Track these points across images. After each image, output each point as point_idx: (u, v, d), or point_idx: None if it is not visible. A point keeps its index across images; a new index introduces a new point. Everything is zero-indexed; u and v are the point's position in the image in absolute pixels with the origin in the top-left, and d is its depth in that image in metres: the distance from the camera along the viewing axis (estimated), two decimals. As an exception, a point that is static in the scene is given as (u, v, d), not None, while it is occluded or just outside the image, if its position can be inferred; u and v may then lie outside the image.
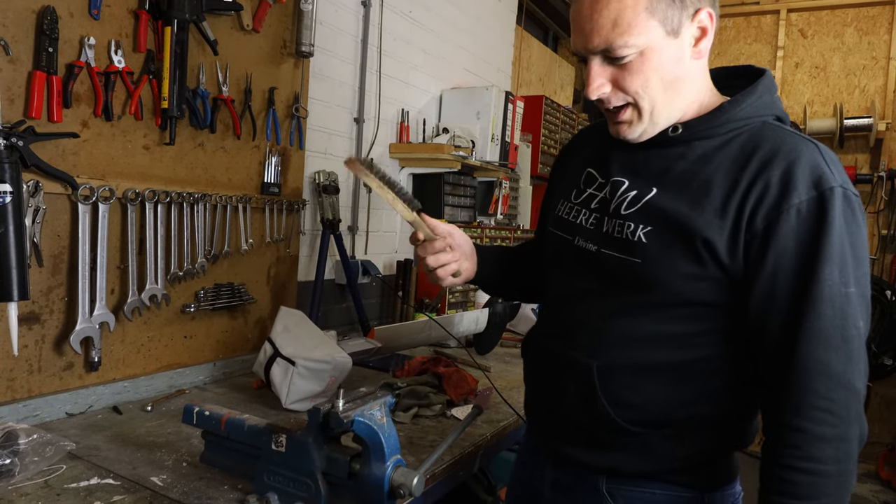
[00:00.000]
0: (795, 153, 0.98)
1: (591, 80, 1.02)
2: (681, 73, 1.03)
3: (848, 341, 0.93)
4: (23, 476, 1.28)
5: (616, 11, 0.96)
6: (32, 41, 1.54)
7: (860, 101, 4.23)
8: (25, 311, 1.57)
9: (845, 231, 0.94)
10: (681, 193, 1.02)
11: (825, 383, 0.93)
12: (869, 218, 4.22)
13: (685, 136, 1.05)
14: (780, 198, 0.95)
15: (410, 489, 1.09)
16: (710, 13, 1.02)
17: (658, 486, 1.10)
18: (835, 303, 0.93)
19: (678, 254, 1.00)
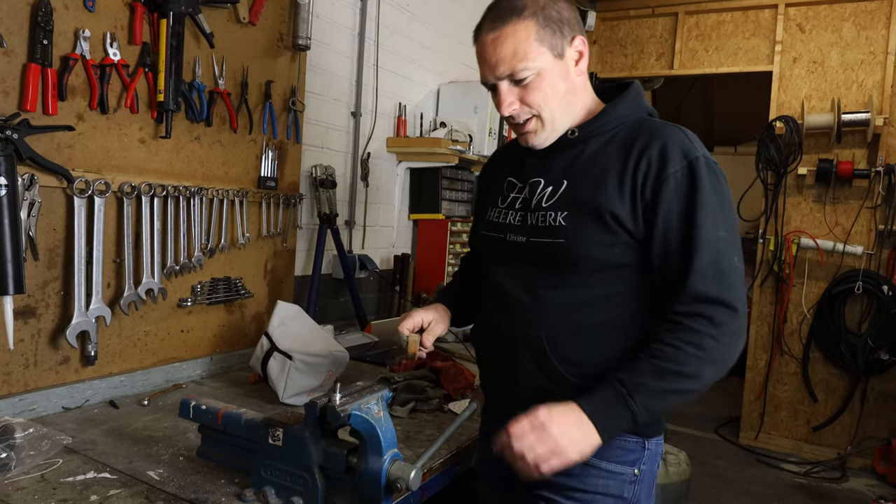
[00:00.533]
0: (666, 135, 1.24)
1: (503, 100, 1.27)
2: (570, 86, 1.29)
3: (724, 272, 1.17)
4: (19, 470, 1.27)
5: (514, 44, 1.22)
6: (27, 33, 1.53)
7: (858, 96, 4.22)
8: (21, 304, 1.57)
9: (711, 189, 1.19)
10: (586, 181, 1.26)
11: (706, 306, 1.16)
12: (866, 213, 4.23)
13: (581, 136, 1.30)
14: (660, 170, 1.20)
15: (408, 483, 1.09)
16: (582, 40, 1.28)
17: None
18: (711, 243, 1.17)
19: (592, 228, 1.23)
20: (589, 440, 1.13)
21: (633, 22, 5.01)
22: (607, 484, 1.28)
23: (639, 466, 1.29)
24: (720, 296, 1.16)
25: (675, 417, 4.83)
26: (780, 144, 4.34)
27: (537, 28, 1.22)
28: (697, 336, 1.15)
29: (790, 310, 4.49)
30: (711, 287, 1.16)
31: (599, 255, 1.23)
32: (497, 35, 1.23)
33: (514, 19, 1.22)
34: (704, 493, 3.74)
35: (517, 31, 1.22)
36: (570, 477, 1.27)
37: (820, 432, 4.39)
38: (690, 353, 1.14)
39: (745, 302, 1.19)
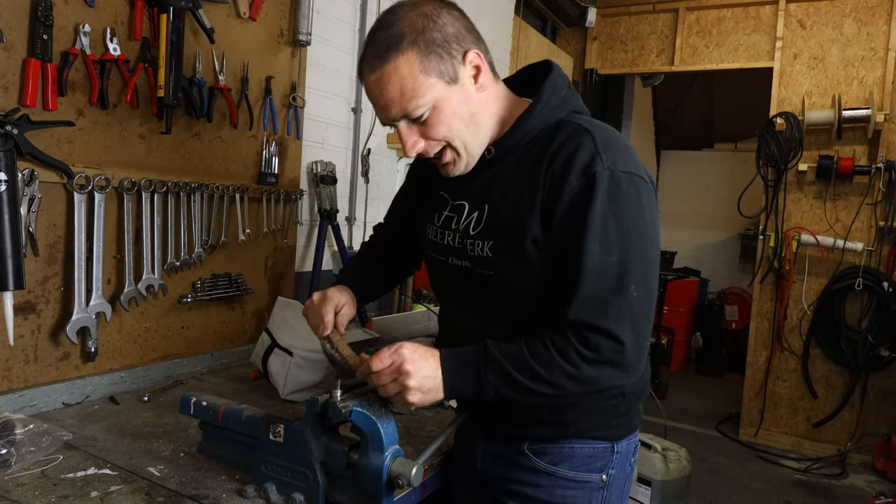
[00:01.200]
0: (573, 145, 1.13)
1: (406, 141, 1.18)
2: (473, 108, 1.19)
3: (606, 302, 1.09)
4: (19, 466, 1.27)
5: (398, 83, 1.11)
6: (27, 28, 1.53)
7: (858, 92, 4.22)
8: (21, 300, 1.56)
9: (608, 207, 1.09)
10: (505, 204, 1.19)
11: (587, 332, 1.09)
12: (866, 209, 4.22)
13: (497, 155, 1.22)
14: (559, 186, 1.12)
15: (409, 479, 1.08)
16: (477, 53, 1.17)
17: (575, 442, 1.26)
18: (594, 272, 1.08)
19: (517, 256, 1.17)
20: (432, 392, 1.12)
21: (634, 18, 5.01)
22: (574, 494, 1.26)
23: (607, 472, 1.27)
24: (602, 325, 1.08)
25: (674, 414, 4.84)
26: (781, 141, 4.34)
27: (420, 59, 1.11)
28: (571, 352, 1.09)
29: (790, 306, 4.49)
30: (592, 317, 1.08)
31: (531, 281, 1.18)
32: (379, 76, 1.12)
33: (392, 55, 1.10)
34: (704, 490, 3.75)
35: (399, 67, 1.10)
36: (536, 488, 1.27)
37: (820, 429, 4.40)
38: (557, 363, 1.09)
39: (639, 334, 1.10)
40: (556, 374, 1.09)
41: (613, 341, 1.08)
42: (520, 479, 1.28)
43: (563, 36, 5.29)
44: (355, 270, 1.56)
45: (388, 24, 1.13)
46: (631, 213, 1.11)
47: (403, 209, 1.58)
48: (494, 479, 1.32)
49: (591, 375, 1.10)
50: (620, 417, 1.29)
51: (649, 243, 1.14)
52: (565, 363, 1.09)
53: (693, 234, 7.70)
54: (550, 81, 1.22)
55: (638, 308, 1.10)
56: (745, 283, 6.55)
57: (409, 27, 1.11)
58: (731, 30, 4.67)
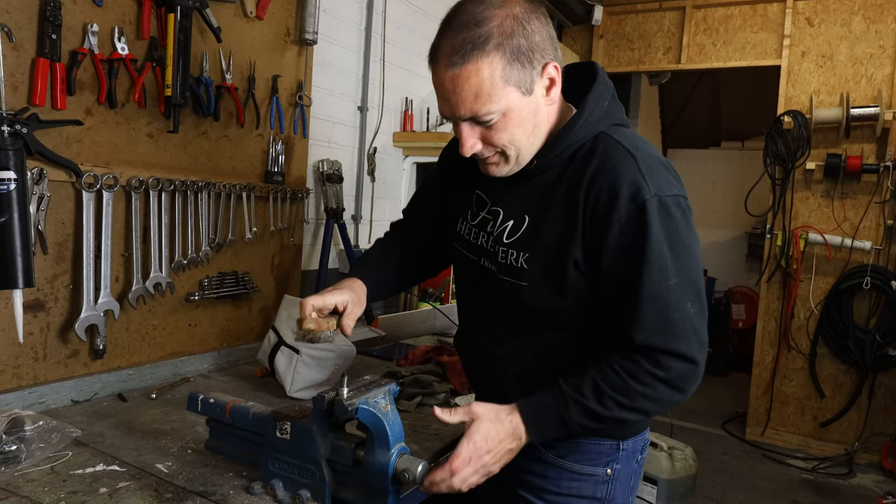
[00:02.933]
0: (616, 170, 1.11)
1: (464, 142, 1.15)
2: (539, 120, 1.16)
3: (672, 324, 1.11)
4: (29, 462, 1.28)
5: (476, 85, 1.07)
6: (36, 28, 1.54)
7: (867, 90, 4.19)
8: (30, 298, 1.58)
9: (662, 234, 1.09)
10: (544, 219, 1.18)
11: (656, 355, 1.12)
12: (874, 208, 4.20)
13: (539, 166, 1.20)
14: (606, 213, 1.10)
15: (415, 475, 1.09)
16: (555, 66, 1.14)
17: (582, 438, 1.27)
18: (655, 297, 1.10)
19: (551, 272, 1.17)
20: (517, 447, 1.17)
21: (641, 16, 4.99)
22: (579, 486, 1.30)
23: (611, 466, 1.30)
24: (670, 348, 1.11)
25: (681, 413, 4.83)
26: (788, 139, 4.32)
27: (503, 65, 1.06)
28: (644, 374, 1.12)
29: (797, 305, 4.47)
30: (660, 340, 1.11)
31: (562, 300, 1.18)
32: (457, 73, 1.07)
33: (476, 55, 1.05)
34: (711, 489, 3.74)
35: (480, 69, 1.06)
36: (544, 479, 1.30)
37: (827, 428, 4.38)
38: (634, 388, 1.12)
39: (703, 347, 1.14)
40: (637, 400, 1.13)
41: (684, 360, 1.12)
42: (529, 469, 1.31)
43: (569, 34, 5.28)
44: (374, 262, 1.52)
45: (476, 20, 1.07)
46: (681, 235, 1.13)
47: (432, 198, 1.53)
48: (509, 468, 1.31)
49: (668, 394, 1.13)
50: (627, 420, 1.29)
51: (697, 260, 1.16)
52: (641, 386, 1.12)
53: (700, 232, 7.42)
54: (595, 93, 1.19)
55: (697, 323, 1.13)
56: (751, 282, 6.53)
57: (499, 28, 1.06)
58: (738, 28, 4.65)
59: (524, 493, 1.33)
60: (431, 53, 1.13)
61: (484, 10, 1.07)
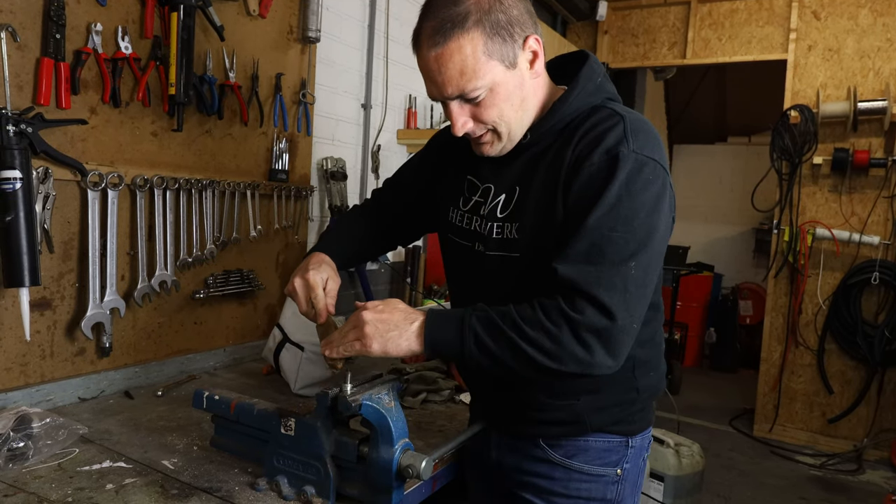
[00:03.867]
0: (604, 129, 1.12)
1: (455, 121, 1.16)
2: (525, 93, 1.17)
3: (601, 271, 1.05)
4: (36, 459, 1.29)
5: (460, 62, 1.09)
6: (40, 28, 1.55)
7: (874, 84, 4.16)
8: (37, 296, 1.59)
9: (625, 186, 1.07)
10: (536, 187, 1.17)
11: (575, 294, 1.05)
12: (883, 202, 4.17)
13: (533, 140, 1.20)
14: (582, 161, 1.11)
15: (419, 471, 1.09)
16: (536, 38, 1.15)
17: (590, 436, 1.26)
18: (593, 240, 1.06)
19: (545, 238, 1.15)
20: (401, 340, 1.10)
21: (645, 11, 4.97)
22: (589, 487, 1.27)
23: (621, 466, 1.28)
24: (591, 291, 1.03)
25: (688, 409, 4.82)
26: (795, 134, 4.29)
27: (484, 39, 1.08)
28: (555, 312, 1.04)
29: (805, 301, 4.45)
30: (583, 281, 1.04)
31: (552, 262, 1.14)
32: (440, 52, 1.09)
33: (457, 32, 1.07)
34: (718, 486, 3.73)
35: (462, 46, 1.08)
36: (551, 481, 1.27)
37: (836, 424, 4.36)
38: (540, 320, 1.04)
39: (630, 315, 1.06)
40: (536, 331, 1.04)
41: (601, 310, 1.03)
42: (535, 471, 1.29)
43: (573, 30, 5.26)
44: (338, 235, 1.50)
45: (453, 0, 1.09)
46: (645, 197, 1.09)
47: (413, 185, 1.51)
48: (509, 470, 1.33)
49: (570, 343, 1.03)
50: (636, 414, 1.29)
51: (657, 231, 1.10)
52: (547, 321, 1.04)
53: (706, 228, 7.65)
54: (587, 68, 1.21)
55: (633, 286, 1.06)
56: (759, 278, 6.51)
57: (476, 5, 1.08)
58: (743, 22, 4.62)
59: (530, 497, 1.30)
60: (414, 38, 1.16)
61: None
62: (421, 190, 1.47)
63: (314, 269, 1.31)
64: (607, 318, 1.04)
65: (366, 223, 1.53)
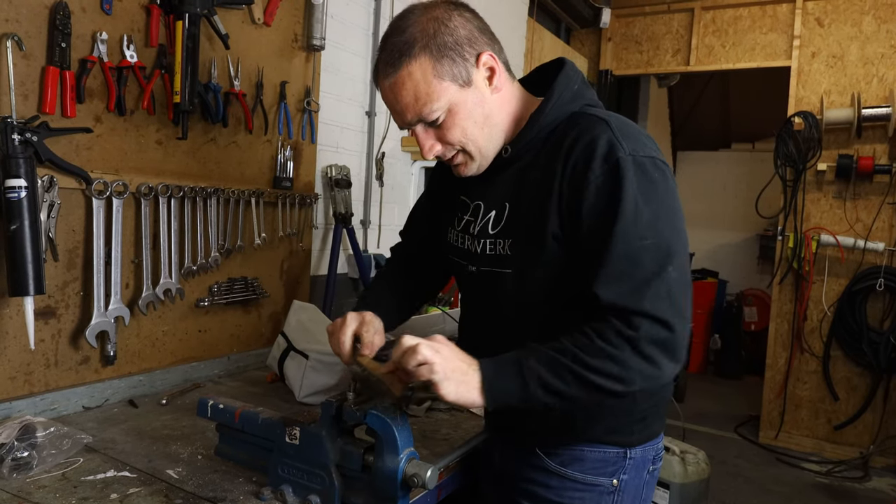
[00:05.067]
0: (590, 134, 1.12)
1: (423, 145, 1.19)
2: (487, 110, 1.18)
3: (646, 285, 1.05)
4: (40, 469, 1.29)
5: (412, 88, 1.12)
6: (45, 36, 1.55)
7: (878, 91, 4.15)
8: (41, 305, 1.59)
9: (637, 191, 1.07)
10: (525, 202, 1.18)
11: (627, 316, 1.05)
12: (887, 209, 4.16)
13: (514, 154, 1.21)
14: (582, 175, 1.10)
15: (424, 480, 1.08)
16: (490, 54, 1.17)
17: (585, 446, 1.25)
18: (628, 256, 1.06)
19: (536, 252, 1.16)
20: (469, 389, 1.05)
21: (649, 18, 4.98)
22: (583, 496, 1.25)
23: (618, 477, 1.25)
24: (642, 308, 1.03)
25: (693, 416, 4.80)
26: (799, 140, 4.29)
27: (433, 63, 1.11)
28: (612, 334, 1.04)
29: (810, 307, 4.43)
30: (628, 300, 1.04)
31: (547, 280, 1.16)
32: (393, 81, 1.13)
33: (405, 60, 1.11)
34: (724, 493, 3.71)
35: (412, 72, 1.11)
36: (547, 489, 1.27)
37: (841, 431, 4.33)
38: (599, 346, 1.04)
39: (682, 319, 1.06)
40: (600, 359, 1.04)
41: (656, 322, 1.04)
42: (533, 479, 1.29)
43: (577, 37, 5.27)
44: (381, 295, 1.49)
45: (400, 30, 1.13)
46: (659, 196, 1.09)
47: (426, 218, 1.54)
48: (510, 478, 1.33)
49: (636, 361, 1.04)
50: (635, 424, 1.26)
51: (679, 226, 1.12)
52: (607, 345, 1.04)
53: (711, 234, 7.63)
54: (563, 76, 1.22)
55: (676, 289, 1.06)
56: (763, 285, 6.48)
57: (421, 32, 1.12)
58: (747, 29, 4.63)
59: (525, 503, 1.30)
60: (373, 73, 1.20)
61: (406, 20, 1.14)
62: (433, 227, 1.46)
63: (372, 315, 1.33)
64: (665, 328, 1.04)
65: (399, 280, 1.54)
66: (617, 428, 1.25)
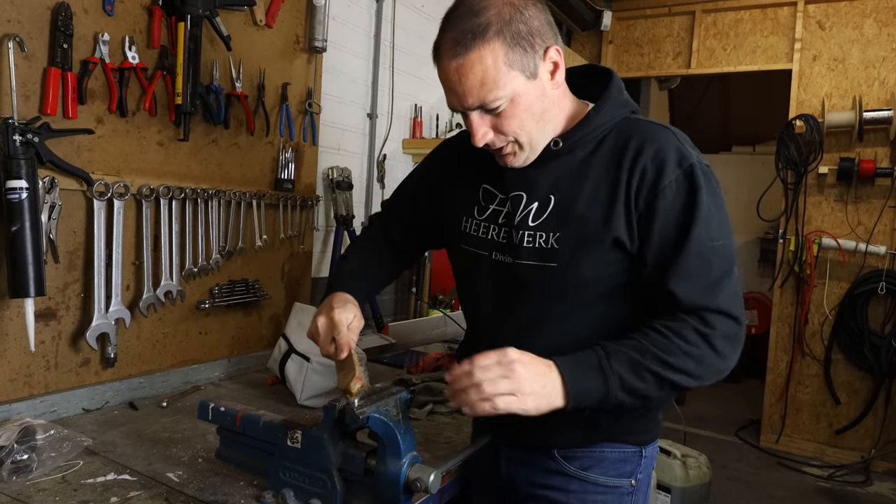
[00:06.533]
0: (658, 140, 1.15)
1: (476, 131, 1.15)
2: (547, 104, 1.17)
3: (718, 283, 1.11)
4: (40, 471, 1.28)
5: (481, 73, 1.09)
6: (47, 37, 1.55)
7: (880, 94, 4.15)
8: (42, 307, 1.58)
9: (708, 196, 1.12)
10: (576, 196, 1.17)
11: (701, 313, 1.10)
12: (889, 212, 4.15)
13: (566, 147, 1.20)
14: (655, 180, 1.12)
15: (427, 485, 1.08)
16: (557, 49, 1.15)
17: (606, 445, 1.25)
18: (702, 255, 1.10)
19: (588, 250, 1.15)
20: (551, 397, 1.05)
21: (650, 21, 4.97)
22: (605, 499, 1.26)
23: (636, 476, 1.27)
24: (717, 306, 1.09)
25: (694, 420, 4.78)
26: (800, 143, 4.28)
27: (505, 50, 1.09)
28: (690, 331, 1.08)
29: (811, 311, 4.42)
30: (707, 299, 1.10)
31: (595, 278, 1.16)
32: (461, 63, 1.09)
33: (478, 43, 1.08)
34: (725, 497, 3.70)
35: (483, 57, 1.08)
36: (567, 493, 1.25)
37: (843, 435, 4.32)
38: (677, 345, 1.08)
39: (743, 311, 1.14)
40: (678, 357, 1.07)
41: (730, 318, 1.10)
42: (548, 484, 1.27)
43: (578, 39, 5.27)
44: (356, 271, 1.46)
45: (474, 11, 1.10)
46: (721, 203, 1.16)
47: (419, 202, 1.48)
48: (521, 485, 1.31)
49: (710, 357, 1.09)
50: (649, 423, 1.28)
51: (732, 231, 1.18)
52: (685, 343, 1.08)
53: (711, 237, 7.61)
54: (616, 82, 1.24)
55: (737, 288, 1.14)
56: (764, 288, 6.47)
57: (497, 16, 1.09)
58: (748, 32, 4.62)
59: None
60: (435, 49, 1.16)
61: (481, 2, 1.11)
62: (424, 207, 1.45)
63: (339, 307, 1.28)
64: (736, 323, 1.11)
65: (378, 254, 1.51)
66: (634, 426, 1.26)
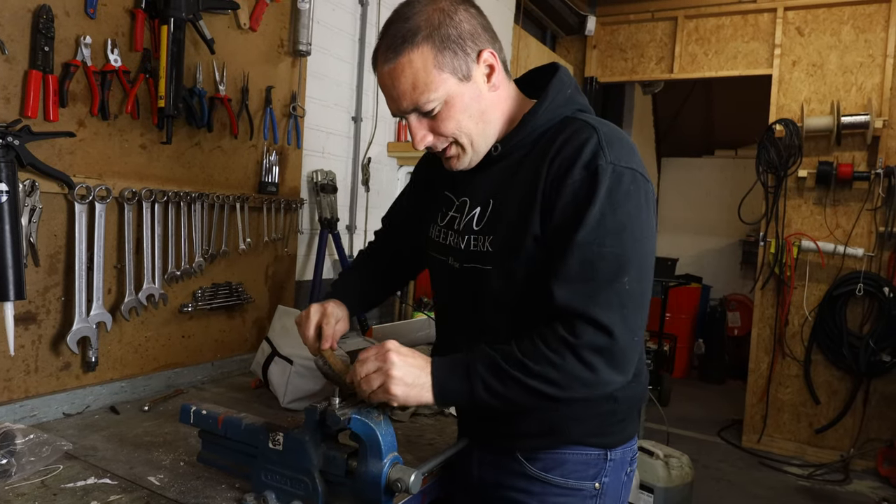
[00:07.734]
0: (579, 139, 1.14)
1: (415, 134, 1.20)
2: (484, 106, 1.20)
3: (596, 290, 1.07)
4: (19, 476, 1.27)
5: (412, 76, 1.13)
6: (28, 40, 1.54)
7: (857, 99, 4.23)
8: (22, 310, 1.57)
9: (608, 199, 1.09)
10: (510, 199, 1.19)
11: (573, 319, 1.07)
12: (866, 215, 4.23)
13: (504, 152, 1.23)
14: (562, 178, 1.12)
15: (408, 485, 1.08)
16: (491, 52, 1.18)
17: (568, 448, 1.25)
18: (584, 258, 1.08)
19: (516, 251, 1.17)
20: (421, 390, 1.10)
21: (633, 26, 5.03)
22: (567, 501, 1.26)
23: (600, 480, 1.26)
24: (588, 313, 1.05)
25: (677, 420, 4.83)
26: (780, 147, 4.35)
27: (434, 53, 1.12)
28: (555, 340, 1.07)
29: (791, 312, 4.48)
30: (579, 303, 1.06)
31: (526, 278, 1.17)
32: (392, 67, 1.14)
33: (407, 48, 1.12)
34: (708, 497, 3.73)
35: (413, 60, 1.12)
36: (528, 495, 1.26)
37: (823, 434, 4.39)
38: (542, 352, 1.07)
39: (630, 328, 1.08)
40: (541, 364, 1.06)
41: (600, 329, 1.06)
42: (513, 486, 1.28)
43: (562, 44, 5.31)
44: (350, 282, 1.55)
45: (404, 17, 1.14)
46: (629, 208, 1.11)
47: (408, 208, 1.57)
48: (490, 486, 1.32)
49: (576, 368, 1.06)
50: (615, 425, 1.28)
51: (645, 241, 1.12)
52: (549, 351, 1.06)
53: (694, 240, 7.70)
54: (557, 80, 1.24)
55: (629, 301, 1.08)
56: (746, 290, 6.55)
57: (426, 21, 1.13)
58: (729, 37, 4.69)
59: None
60: (372, 58, 1.20)
61: (412, 8, 1.15)
62: (414, 212, 1.50)
63: (333, 304, 1.38)
64: (607, 336, 1.06)
65: (376, 268, 1.59)
66: (598, 429, 1.26)
